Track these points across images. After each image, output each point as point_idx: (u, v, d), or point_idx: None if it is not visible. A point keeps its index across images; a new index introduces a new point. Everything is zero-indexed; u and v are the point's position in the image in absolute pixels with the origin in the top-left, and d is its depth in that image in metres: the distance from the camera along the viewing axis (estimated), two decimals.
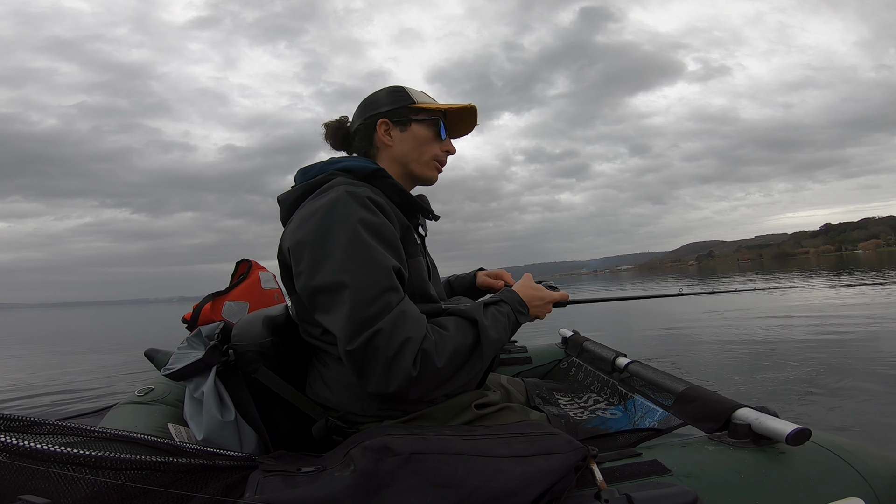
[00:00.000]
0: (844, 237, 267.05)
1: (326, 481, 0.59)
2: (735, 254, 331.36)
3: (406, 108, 1.00)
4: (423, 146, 1.01)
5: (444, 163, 1.07)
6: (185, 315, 1.50)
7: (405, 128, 1.00)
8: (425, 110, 1.01)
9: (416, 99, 1.02)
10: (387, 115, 1.00)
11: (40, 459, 0.50)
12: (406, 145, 1.00)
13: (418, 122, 1.01)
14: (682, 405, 1.04)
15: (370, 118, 1.01)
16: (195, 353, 0.89)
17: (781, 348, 3.80)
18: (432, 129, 1.02)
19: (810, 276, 15.13)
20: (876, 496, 0.69)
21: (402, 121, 1.00)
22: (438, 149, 1.03)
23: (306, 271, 0.79)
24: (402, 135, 1.00)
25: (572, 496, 0.62)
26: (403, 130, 1.00)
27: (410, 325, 0.74)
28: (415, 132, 1.00)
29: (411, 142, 1.00)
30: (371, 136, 1.01)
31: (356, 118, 1.04)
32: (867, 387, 2.59)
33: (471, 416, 0.89)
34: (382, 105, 1.01)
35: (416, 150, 1.01)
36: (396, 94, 1.02)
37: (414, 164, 1.02)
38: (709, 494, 0.65)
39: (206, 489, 0.62)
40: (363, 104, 1.04)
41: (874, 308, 5.89)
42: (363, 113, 1.02)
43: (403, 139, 1.00)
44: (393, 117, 1.00)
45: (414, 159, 1.01)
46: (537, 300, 0.99)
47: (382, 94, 1.03)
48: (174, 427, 0.96)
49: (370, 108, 1.02)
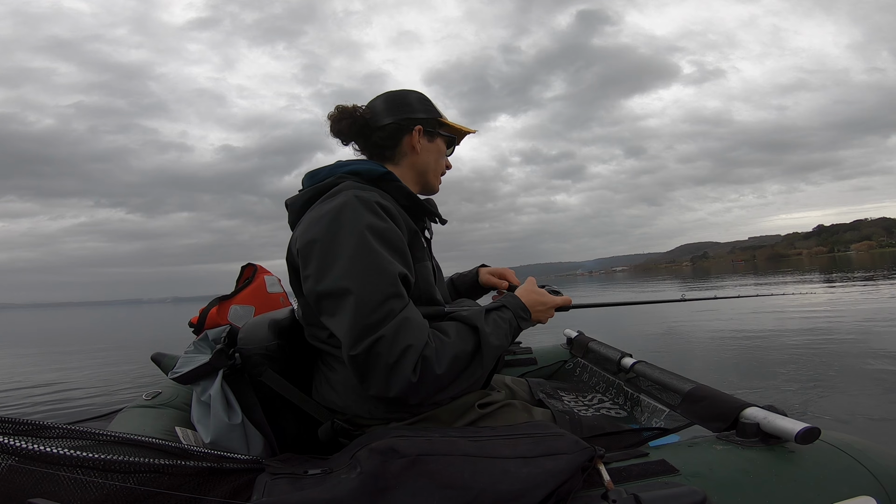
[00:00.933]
0: (837, 238, 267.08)
1: (333, 483, 0.59)
2: (729, 255, 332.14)
3: (436, 121, 1.04)
4: (440, 159, 1.06)
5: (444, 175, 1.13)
6: (192, 319, 1.51)
7: (432, 139, 1.04)
8: (448, 126, 1.06)
9: (440, 110, 1.06)
10: (422, 123, 1.02)
11: (50, 463, 0.50)
12: (430, 156, 1.04)
13: (441, 137, 1.06)
14: (689, 405, 1.03)
15: (406, 120, 1.00)
16: (202, 356, 0.89)
17: (784, 347, 3.77)
18: (447, 145, 1.08)
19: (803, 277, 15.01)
20: (887, 494, 0.68)
21: (432, 132, 1.03)
22: (444, 163, 1.09)
23: (313, 275, 0.80)
24: (429, 145, 1.03)
25: (579, 497, 0.62)
26: (431, 141, 1.04)
27: (412, 332, 0.74)
28: (438, 145, 1.05)
29: (434, 153, 1.04)
30: (399, 138, 1.01)
31: (384, 114, 1.00)
32: (872, 385, 2.57)
33: (474, 416, 0.90)
34: (417, 111, 1.02)
35: (436, 162, 1.05)
36: (427, 102, 1.05)
37: (431, 174, 1.05)
38: (717, 494, 0.65)
39: (215, 492, 0.63)
40: (392, 102, 1.02)
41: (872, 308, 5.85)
42: (395, 112, 1.00)
43: (429, 150, 1.03)
44: (426, 126, 1.02)
45: (432, 170, 1.05)
46: (540, 305, 0.99)
47: (414, 98, 1.03)
48: (182, 430, 0.97)
49: (404, 109, 1.01)
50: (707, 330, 5.02)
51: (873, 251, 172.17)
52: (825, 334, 4.19)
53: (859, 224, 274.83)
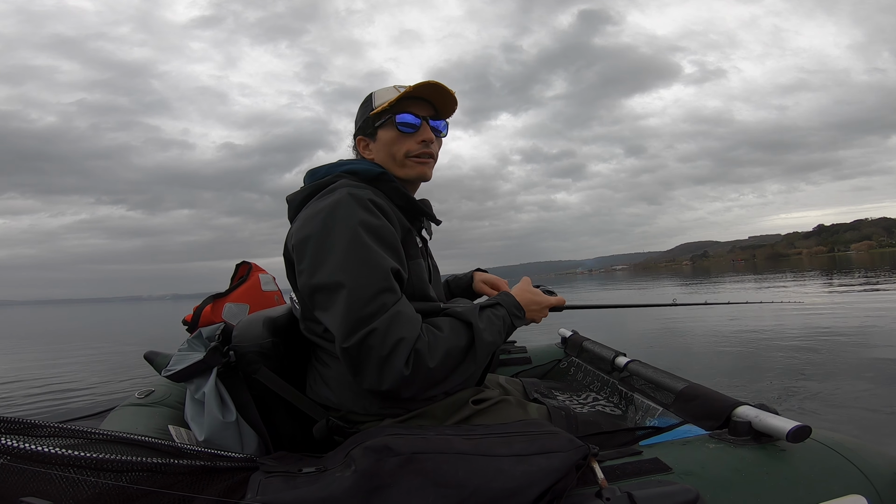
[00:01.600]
0: (837, 238, 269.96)
1: (328, 482, 0.59)
2: (729, 254, 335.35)
3: (369, 118, 0.98)
4: (391, 149, 0.97)
5: (427, 154, 0.99)
6: (186, 317, 1.51)
7: (374, 138, 0.99)
8: (380, 113, 0.96)
9: (375, 103, 0.98)
10: (360, 132, 1.02)
11: (42, 462, 0.50)
12: (380, 154, 0.99)
13: (382, 128, 0.98)
14: (682, 403, 1.04)
15: (353, 141, 1.05)
16: (196, 354, 0.89)
17: (777, 347, 3.80)
18: (394, 128, 0.96)
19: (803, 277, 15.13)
20: (877, 493, 0.69)
21: (370, 132, 0.99)
22: (411, 143, 0.97)
23: (307, 269, 0.81)
24: (375, 145, 1.00)
25: (573, 495, 0.62)
26: (374, 141, 0.99)
27: (405, 326, 0.75)
28: (381, 139, 0.98)
29: (382, 149, 0.98)
30: (359, 152, 1.04)
31: None
32: (863, 384, 2.60)
33: (468, 413, 0.90)
34: (357, 122, 1.03)
35: (388, 155, 0.98)
36: (364, 106, 1.01)
37: (394, 168, 0.98)
38: (710, 492, 0.65)
39: (208, 490, 0.62)
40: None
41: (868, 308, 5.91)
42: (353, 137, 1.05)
43: (377, 149, 0.99)
44: (364, 132, 1.01)
45: (389, 164, 0.98)
46: (534, 304, 1.00)
47: (359, 110, 1.03)
48: (175, 429, 0.96)
49: (355, 130, 1.04)
50: (701, 329, 5.05)
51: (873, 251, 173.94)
52: (818, 334, 4.23)
53: (859, 224, 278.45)
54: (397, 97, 0.95)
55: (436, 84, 0.94)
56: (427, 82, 0.94)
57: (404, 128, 0.96)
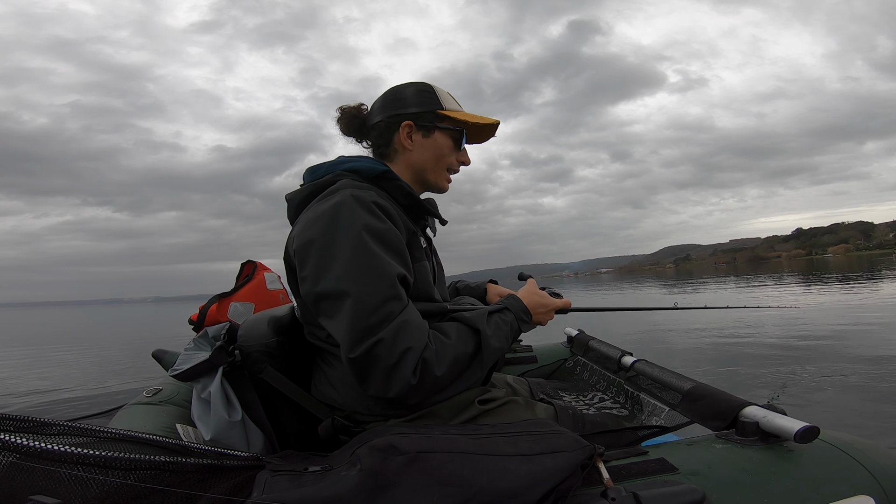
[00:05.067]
0: (815, 241, 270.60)
1: (333, 480, 0.60)
2: (711, 257, 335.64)
3: (433, 114, 0.96)
4: (441, 156, 0.97)
5: (457, 172, 1.03)
6: (192, 316, 1.52)
7: (428, 134, 0.96)
8: (452, 119, 0.96)
9: (444, 104, 0.97)
10: (412, 118, 0.95)
11: (51, 460, 0.50)
12: (426, 153, 0.97)
13: (442, 131, 0.96)
14: (688, 403, 1.03)
15: (394, 117, 0.95)
16: (202, 353, 0.89)
17: (785, 347, 3.77)
18: (454, 139, 0.98)
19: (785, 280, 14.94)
20: (886, 494, 0.68)
21: (427, 126, 0.96)
22: (455, 159, 1.00)
23: (310, 277, 0.80)
24: (424, 141, 0.96)
25: (579, 495, 0.62)
26: (426, 136, 0.96)
27: (412, 335, 0.74)
28: (437, 140, 0.96)
29: (432, 150, 0.97)
30: (390, 136, 0.97)
31: (377, 111, 0.98)
32: (871, 385, 2.57)
33: (475, 412, 0.90)
34: (409, 105, 0.95)
35: (434, 159, 0.97)
36: (425, 94, 0.97)
37: (430, 172, 0.99)
38: (716, 493, 0.65)
39: (215, 489, 0.63)
40: (387, 98, 0.98)
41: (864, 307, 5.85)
42: (386, 108, 0.97)
43: (424, 146, 0.96)
44: (418, 121, 0.95)
45: (430, 168, 0.98)
46: (541, 307, 0.99)
47: (410, 91, 0.97)
48: (182, 427, 0.97)
49: (395, 105, 0.96)
50: (707, 330, 5.02)
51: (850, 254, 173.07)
52: (826, 335, 4.19)
53: (837, 227, 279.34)
54: (474, 119, 0.98)
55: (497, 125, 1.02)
56: (496, 122, 1.01)
57: (461, 145, 0.99)
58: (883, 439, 1.84)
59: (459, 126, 0.98)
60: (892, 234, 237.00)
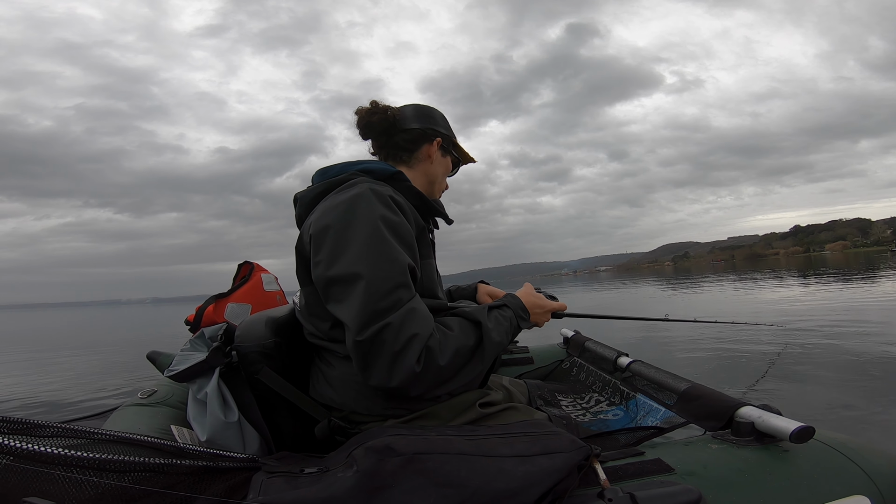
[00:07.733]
0: (812, 239, 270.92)
1: (329, 482, 0.59)
2: (709, 255, 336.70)
3: (452, 141, 1.13)
4: (445, 174, 1.15)
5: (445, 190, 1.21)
6: (188, 317, 1.51)
7: (445, 154, 1.12)
8: (459, 149, 1.16)
9: (455, 135, 1.16)
10: (443, 137, 1.10)
11: (45, 462, 0.50)
12: (439, 168, 1.11)
13: (451, 156, 1.14)
14: (684, 404, 1.04)
15: (431, 130, 1.08)
16: (198, 354, 0.89)
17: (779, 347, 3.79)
18: (453, 164, 1.17)
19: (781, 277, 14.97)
20: (881, 494, 0.68)
21: (446, 147, 1.12)
22: (445, 183, 1.18)
23: (325, 260, 0.81)
24: (441, 159, 1.11)
25: (575, 495, 0.62)
26: (443, 156, 1.12)
27: (419, 322, 0.76)
28: (447, 162, 1.13)
29: (443, 168, 1.12)
30: (420, 144, 1.07)
31: (412, 119, 1.08)
32: (866, 385, 2.59)
33: (475, 415, 0.90)
34: (439, 125, 1.10)
35: (442, 176, 1.14)
36: (447, 122, 1.14)
37: (437, 185, 1.13)
38: (712, 493, 0.65)
39: (210, 490, 0.62)
40: (421, 112, 1.10)
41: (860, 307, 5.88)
42: (422, 120, 1.09)
43: (440, 162, 1.11)
44: (445, 142, 1.11)
45: (438, 182, 1.12)
46: (538, 308, 1.03)
47: (438, 115, 1.12)
48: (177, 429, 0.97)
49: (430, 120, 1.09)
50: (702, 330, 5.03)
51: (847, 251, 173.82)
52: (820, 335, 4.22)
53: (834, 224, 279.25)
54: (470, 158, 1.20)
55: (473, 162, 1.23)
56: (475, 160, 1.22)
57: (454, 172, 1.20)
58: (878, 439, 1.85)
59: (459, 156, 1.17)
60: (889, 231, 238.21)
